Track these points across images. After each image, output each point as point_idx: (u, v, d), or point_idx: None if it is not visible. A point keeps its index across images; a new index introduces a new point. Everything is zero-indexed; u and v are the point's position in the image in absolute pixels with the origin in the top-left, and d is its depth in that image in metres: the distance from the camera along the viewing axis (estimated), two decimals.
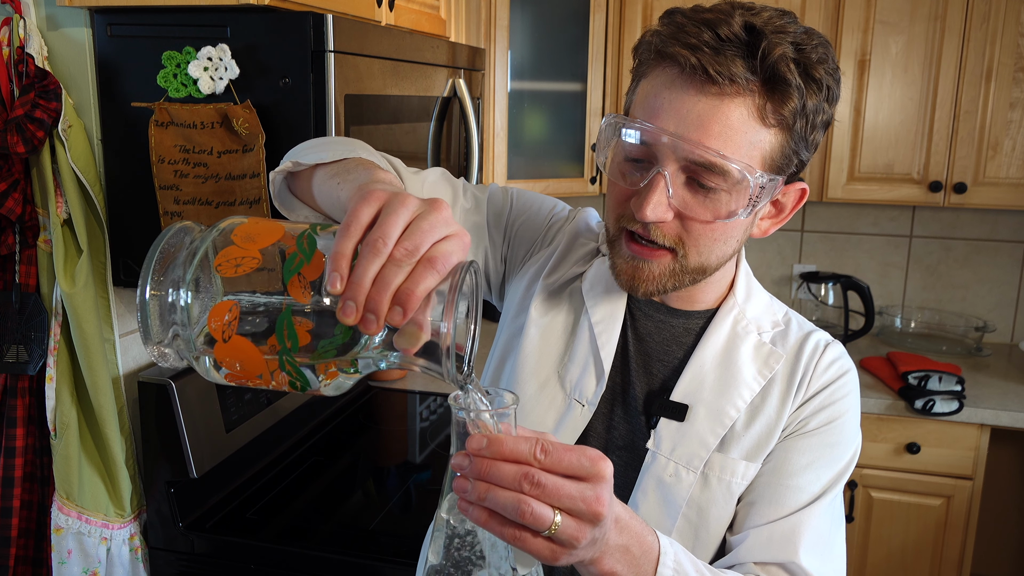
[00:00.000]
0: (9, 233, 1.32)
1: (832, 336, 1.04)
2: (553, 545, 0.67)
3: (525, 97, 2.49)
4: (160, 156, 1.30)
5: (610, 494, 0.68)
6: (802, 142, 0.87)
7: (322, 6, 1.38)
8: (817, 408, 0.97)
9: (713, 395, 0.97)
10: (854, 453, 0.99)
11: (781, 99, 0.83)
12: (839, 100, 0.89)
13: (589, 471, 0.66)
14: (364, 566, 1.41)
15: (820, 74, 0.84)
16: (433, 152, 1.67)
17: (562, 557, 0.68)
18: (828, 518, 0.95)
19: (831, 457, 0.96)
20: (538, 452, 0.65)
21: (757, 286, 1.05)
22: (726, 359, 0.98)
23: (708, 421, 0.96)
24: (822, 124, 0.87)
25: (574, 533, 0.66)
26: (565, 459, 0.66)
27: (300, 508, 1.58)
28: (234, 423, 1.53)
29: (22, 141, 1.24)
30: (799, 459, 0.95)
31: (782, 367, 0.98)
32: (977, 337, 2.70)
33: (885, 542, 2.38)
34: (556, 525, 0.65)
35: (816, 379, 0.98)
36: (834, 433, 0.97)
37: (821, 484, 0.95)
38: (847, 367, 1.00)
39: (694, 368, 0.98)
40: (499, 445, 0.65)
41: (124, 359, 1.46)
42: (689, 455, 0.95)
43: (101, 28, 1.32)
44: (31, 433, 1.36)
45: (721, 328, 0.99)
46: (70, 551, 1.39)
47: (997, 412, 2.23)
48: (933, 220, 2.80)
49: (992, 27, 2.32)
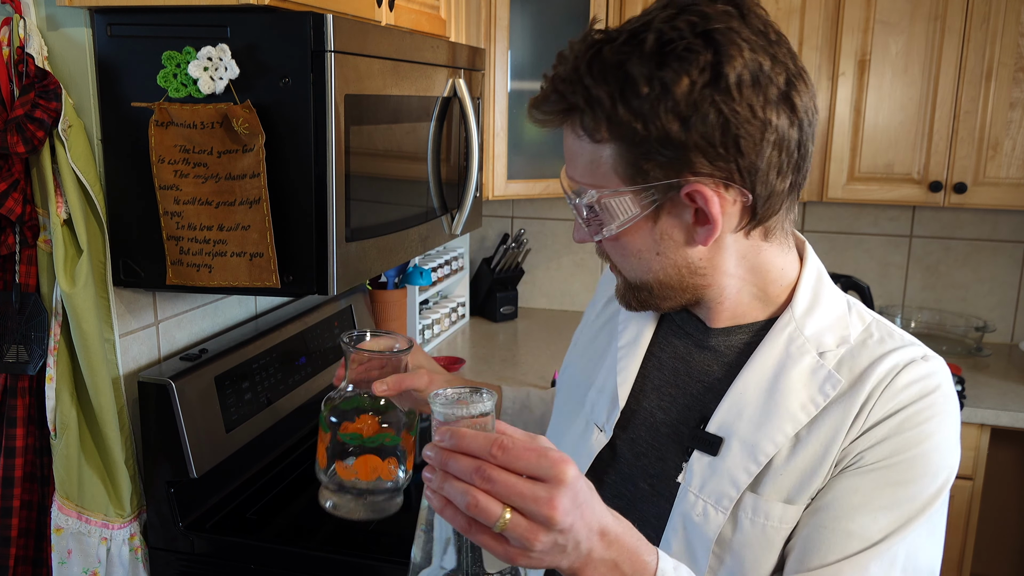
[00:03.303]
0: (9, 233, 1.32)
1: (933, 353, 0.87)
2: (506, 544, 0.68)
3: (525, 97, 2.49)
4: (160, 156, 1.30)
5: (572, 501, 0.66)
6: (646, 144, 0.78)
7: (322, 6, 1.38)
8: (879, 439, 0.82)
9: (751, 427, 0.86)
10: (938, 489, 0.83)
11: (594, 117, 0.79)
12: (680, 84, 0.76)
13: (547, 473, 0.66)
14: (364, 566, 1.41)
15: (635, 74, 0.77)
16: (433, 152, 1.67)
17: (519, 558, 0.68)
18: (888, 569, 0.80)
19: (897, 498, 0.81)
20: (495, 449, 0.67)
21: (831, 295, 0.90)
22: (773, 384, 0.86)
23: (741, 456, 0.85)
24: (671, 113, 0.77)
25: (525, 533, 0.66)
26: (523, 458, 0.67)
27: (300, 508, 1.58)
28: (234, 423, 1.53)
29: (22, 141, 1.24)
30: (851, 499, 0.82)
31: (841, 394, 0.84)
32: (977, 337, 2.70)
33: None
34: (504, 521, 0.66)
35: (882, 405, 0.83)
36: (903, 470, 0.82)
37: (880, 529, 0.81)
38: (931, 388, 0.83)
39: (735, 394, 0.88)
40: (459, 439, 0.68)
41: (124, 359, 1.46)
42: (719, 493, 0.86)
43: (101, 28, 1.32)
44: (31, 433, 1.36)
45: (772, 348, 0.87)
46: (70, 551, 1.39)
47: (997, 412, 2.23)
48: (933, 220, 2.80)
49: (992, 27, 2.32)
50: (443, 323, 2.76)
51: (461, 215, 1.76)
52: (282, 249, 1.31)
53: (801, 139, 0.81)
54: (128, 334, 1.47)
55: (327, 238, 1.30)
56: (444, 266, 2.76)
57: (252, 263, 1.31)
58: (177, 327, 1.61)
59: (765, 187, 0.80)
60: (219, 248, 1.31)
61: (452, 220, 1.78)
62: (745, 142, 0.77)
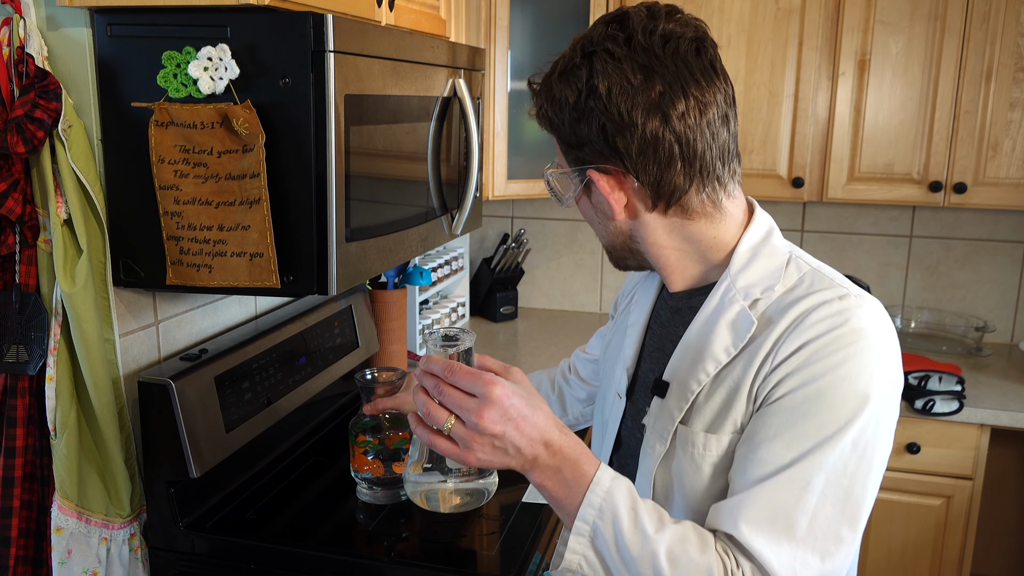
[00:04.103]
0: (9, 233, 1.32)
1: (865, 297, 0.96)
2: (454, 444, 0.91)
3: (525, 97, 2.49)
4: (160, 156, 1.30)
5: (499, 413, 0.88)
6: (565, 131, 1.00)
7: (322, 6, 1.38)
8: (787, 373, 0.92)
9: (686, 370, 1.02)
10: (848, 417, 0.90)
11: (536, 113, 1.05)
12: (582, 97, 0.97)
13: (480, 391, 0.89)
14: (364, 566, 1.41)
15: (548, 80, 1.01)
16: (433, 152, 1.67)
17: (467, 456, 0.90)
18: (799, 492, 0.90)
19: (804, 427, 0.90)
20: (446, 371, 0.91)
21: (772, 252, 1.03)
22: (707, 332, 1.01)
23: (676, 396, 1.03)
24: (579, 115, 0.98)
25: (464, 434, 0.90)
26: (464, 379, 0.90)
27: (300, 508, 1.58)
28: (234, 423, 1.53)
29: (22, 141, 1.24)
30: (763, 431, 0.93)
31: (758, 334, 0.97)
32: (977, 337, 2.70)
33: (885, 542, 2.38)
34: (450, 425, 0.90)
35: (791, 342, 0.93)
36: (809, 400, 0.91)
37: (790, 455, 0.91)
38: (839, 323, 0.92)
39: (682, 345, 1.05)
40: (426, 362, 0.93)
41: (124, 359, 1.46)
42: (662, 428, 1.04)
43: (101, 28, 1.32)
44: (31, 433, 1.36)
45: (710, 302, 1.03)
46: (70, 551, 1.39)
47: (997, 412, 2.23)
48: (933, 220, 2.80)
49: (992, 27, 2.32)
50: (443, 323, 2.76)
51: (461, 215, 1.76)
52: (282, 249, 1.31)
53: (684, 139, 0.95)
54: (128, 334, 1.48)
55: (327, 238, 1.30)
56: (444, 266, 2.76)
57: (252, 263, 1.31)
58: (177, 327, 1.61)
59: (648, 175, 0.98)
60: (219, 248, 1.31)
61: (452, 220, 1.78)
62: (620, 140, 0.96)
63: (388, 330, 2.25)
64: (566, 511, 0.93)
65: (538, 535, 1.50)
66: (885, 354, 0.93)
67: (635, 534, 0.89)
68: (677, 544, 0.89)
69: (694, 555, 0.89)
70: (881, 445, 0.93)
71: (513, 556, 1.42)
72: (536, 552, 1.46)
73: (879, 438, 0.92)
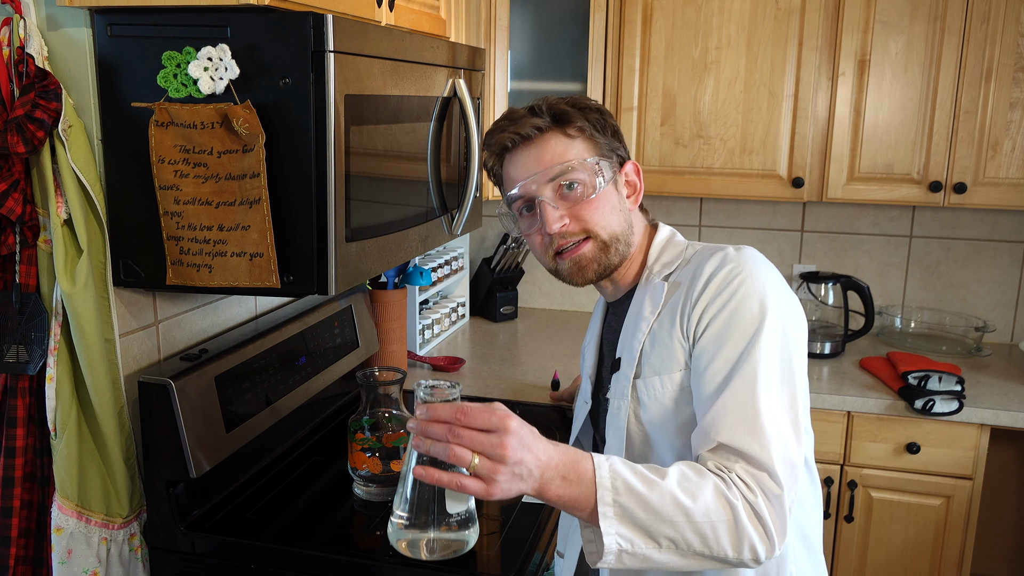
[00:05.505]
0: (9, 233, 1.32)
1: None
2: (480, 481, 0.96)
3: (525, 97, 2.49)
4: (160, 156, 1.30)
5: (518, 442, 0.96)
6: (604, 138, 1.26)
7: (322, 6, 1.38)
8: (703, 307, 1.16)
9: (628, 340, 1.26)
10: (759, 318, 1.11)
11: (569, 122, 1.25)
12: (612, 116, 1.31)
13: (496, 425, 0.96)
14: (364, 566, 1.41)
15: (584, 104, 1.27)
16: (433, 152, 1.67)
17: (492, 488, 0.96)
18: (749, 388, 1.08)
19: (730, 337, 1.12)
20: (458, 414, 0.97)
21: (676, 244, 1.32)
22: (638, 308, 1.27)
23: (627, 361, 1.25)
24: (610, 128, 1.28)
25: (490, 469, 0.96)
26: (478, 418, 0.97)
27: (300, 508, 1.58)
28: (234, 423, 1.53)
29: (22, 141, 1.25)
30: (703, 359, 1.14)
31: (672, 293, 1.22)
32: (977, 337, 2.70)
33: (885, 542, 2.38)
34: (476, 463, 0.96)
35: (696, 285, 1.18)
36: (726, 318, 1.13)
37: (728, 362, 1.11)
38: (726, 262, 1.17)
39: (624, 327, 1.30)
40: (432, 410, 0.99)
41: (124, 359, 1.46)
42: (621, 388, 1.25)
43: (101, 28, 1.32)
44: (31, 433, 1.36)
45: (640, 288, 1.30)
46: (70, 551, 1.39)
47: (997, 412, 2.23)
48: (933, 220, 2.80)
49: (992, 27, 2.32)
50: (443, 323, 2.76)
51: (461, 215, 1.76)
52: (282, 249, 1.31)
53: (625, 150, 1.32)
54: (128, 334, 1.48)
55: (327, 238, 1.30)
56: (444, 266, 2.76)
57: (252, 263, 1.31)
58: (177, 327, 1.61)
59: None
60: (219, 248, 1.31)
61: (452, 220, 1.78)
62: None
63: (388, 330, 2.25)
64: (584, 507, 1.02)
65: (538, 535, 1.50)
66: (767, 275, 1.17)
67: (651, 488, 1.01)
68: (682, 480, 1.03)
69: (697, 480, 1.03)
70: (794, 340, 1.15)
71: (513, 556, 1.43)
72: (536, 552, 1.46)
73: (790, 334, 1.14)
